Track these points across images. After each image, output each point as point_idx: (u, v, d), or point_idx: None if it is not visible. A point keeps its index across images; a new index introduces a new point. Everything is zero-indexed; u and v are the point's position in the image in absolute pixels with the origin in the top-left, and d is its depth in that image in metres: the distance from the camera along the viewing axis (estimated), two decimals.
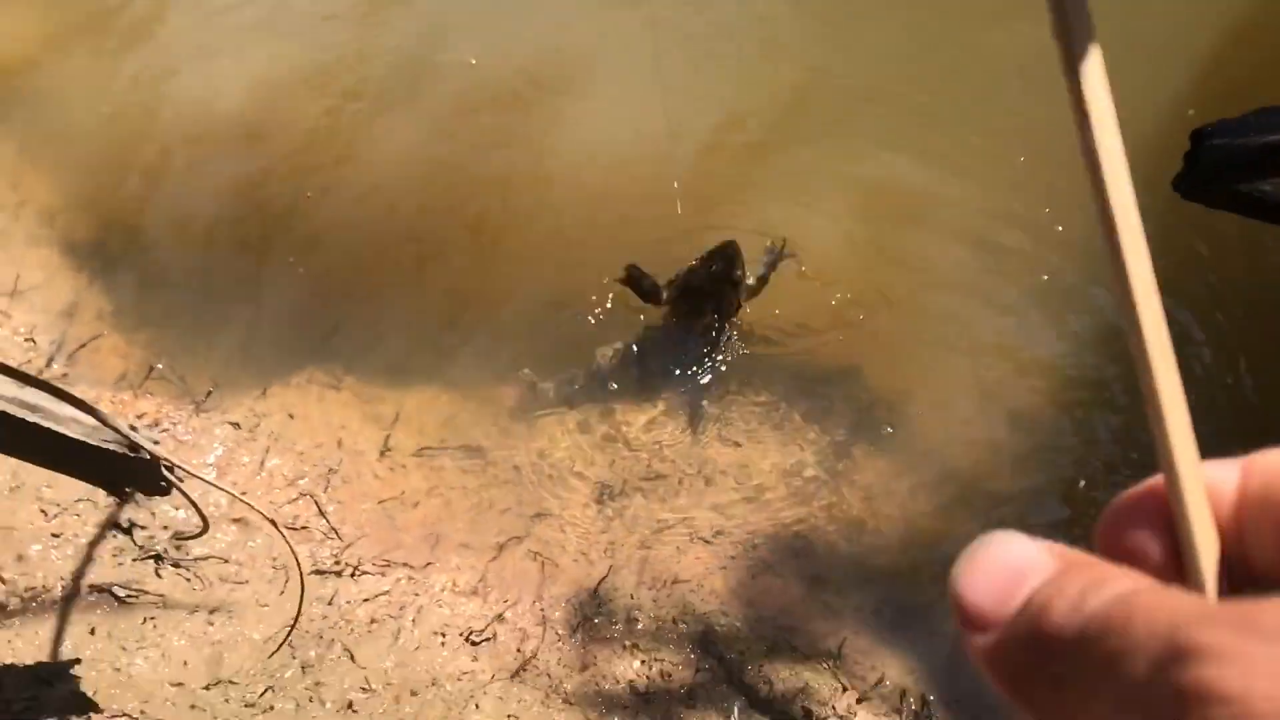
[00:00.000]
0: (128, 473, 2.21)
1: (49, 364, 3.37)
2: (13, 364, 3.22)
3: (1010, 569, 0.42)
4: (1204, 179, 2.15)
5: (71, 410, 2.20)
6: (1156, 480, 0.44)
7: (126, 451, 2.17)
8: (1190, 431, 0.42)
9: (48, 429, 2.11)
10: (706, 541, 3.12)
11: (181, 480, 2.16)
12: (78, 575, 2.70)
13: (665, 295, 3.51)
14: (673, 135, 3.84)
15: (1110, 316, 3.52)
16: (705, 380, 3.47)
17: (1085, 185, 0.43)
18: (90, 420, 2.20)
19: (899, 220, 3.87)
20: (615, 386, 3.46)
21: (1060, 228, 3.75)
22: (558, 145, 4.02)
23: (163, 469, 2.08)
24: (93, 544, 2.81)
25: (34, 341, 3.45)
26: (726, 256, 3.42)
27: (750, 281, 3.52)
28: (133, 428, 2.06)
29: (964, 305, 3.65)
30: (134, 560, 2.80)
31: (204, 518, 2.11)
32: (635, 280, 3.47)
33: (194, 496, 2.90)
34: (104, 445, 2.15)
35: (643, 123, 3.90)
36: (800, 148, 4.05)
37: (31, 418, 2.11)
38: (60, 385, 3.02)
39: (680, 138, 3.92)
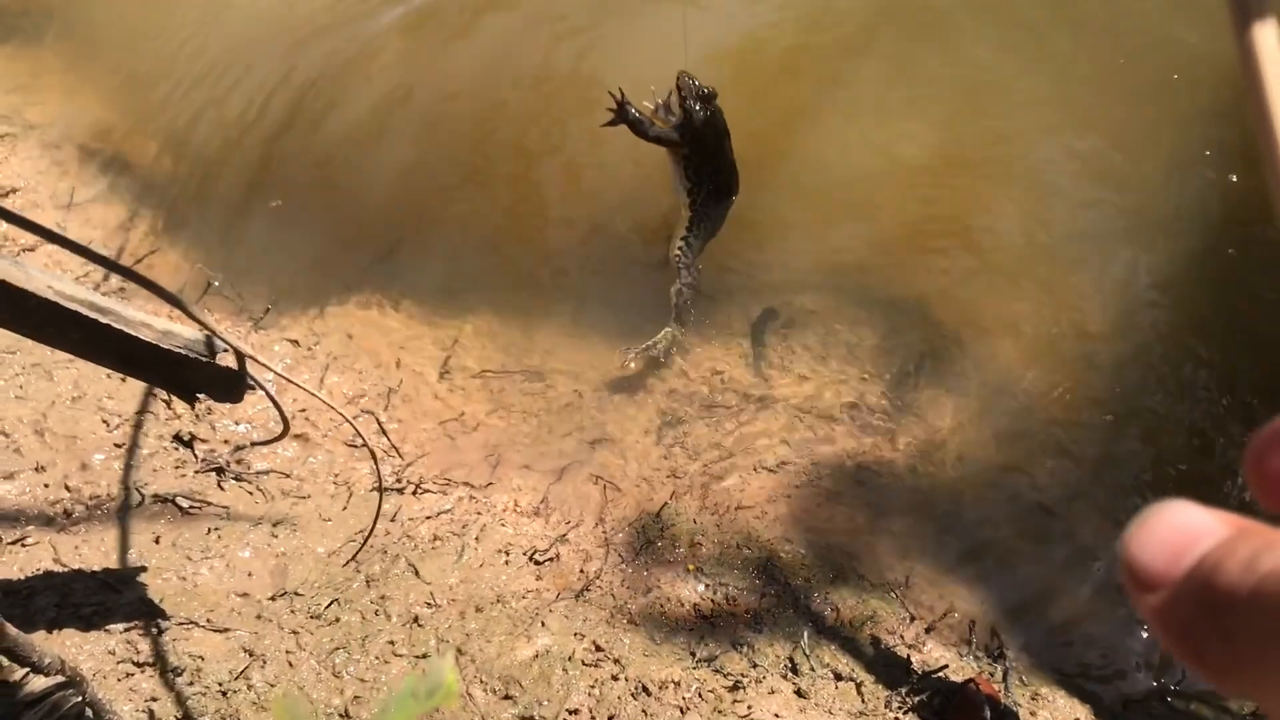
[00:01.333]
0: (200, 378, 2.17)
1: (106, 277, 3.34)
2: (69, 277, 3.20)
3: (1182, 533, 0.45)
4: None
5: (142, 315, 2.16)
6: None
7: (199, 357, 2.13)
8: None
9: (120, 331, 2.07)
10: (770, 470, 3.07)
11: (269, 381, 2.12)
12: (141, 485, 2.68)
13: (669, 133, 3.31)
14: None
15: (1187, 267, 3.43)
16: (680, 325, 3.37)
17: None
18: (161, 324, 2.16)
19: (980, 151, 3.77)
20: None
21: (1141, 171, 3.65)
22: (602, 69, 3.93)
23: (245, 367, 2.04)
24: (155, 455, 2.79)
25: None
26: (698, 89, 3.28)
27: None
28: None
29: (1040, 247, 3.55)
30: (196, 472, 2.78)
31: (285, 418, 2.07)
32: (623, 110, 3.23)
33: (257, 411, 2.89)
34: (175, 350, 2.11)
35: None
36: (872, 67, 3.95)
37: (104, 320, 2.07)
38: (119, 300, 3.01)
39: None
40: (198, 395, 2.22)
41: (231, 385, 2.21)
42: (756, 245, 3.58)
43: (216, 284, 3.38)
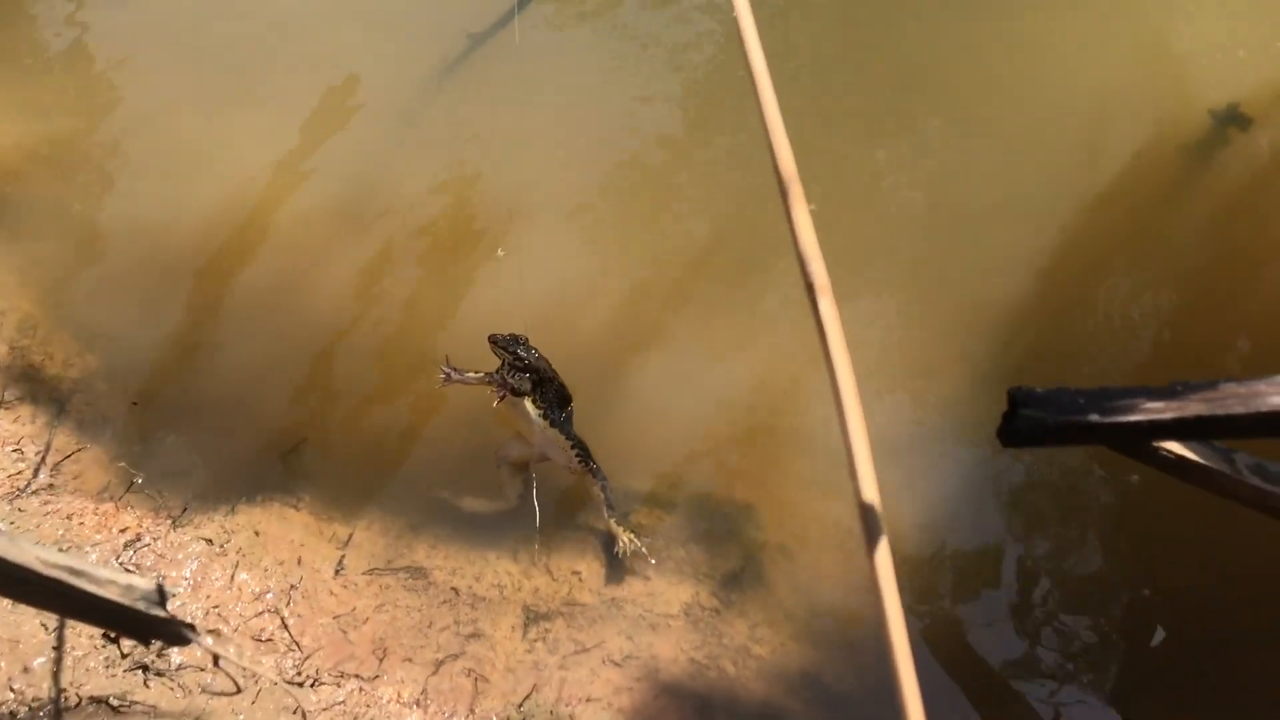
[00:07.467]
0: (153, 628, 2.66)
1: (35, 474, 3.76)
2: (1, 474, 3.62)
3: None
4: (1017, 440, 2.73)
5: (108, 573, 2.65)
6: None
7: (156, 613, 2.63)
8: None
9: (91, 593, 2.55)
10: (617, 665, 3.67)
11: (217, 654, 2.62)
12: (78, 686, 3.13)
13: (527, 384, 4.01)
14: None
15: (988, 470, 4.20)
16: (618, 511, 4.00)
17: None
18: (124, 579, 2.65)
19: (797, 365, 4.50)
20: (539, 515, 3.98)
21: (949, 385, 4.42)
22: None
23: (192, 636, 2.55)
24: (88, 655, 3.24)
25: (21, 452, 3.83)
26: (511, 337, 4.01)
27: None
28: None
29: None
30: (125, 671, 3.23)
31: (237, 685, 2.58)
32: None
33: (177, 607, 3.35)
34: (135, 606, 2.60)
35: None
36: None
37: (78, 583, 2.56)
38: (46, 496, 3.46)
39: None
40: (152, 640, 2.72)
41: (179, 635, 2.71)
42: (611, 455, 4.21)
43: (139, 481, 3.83)
